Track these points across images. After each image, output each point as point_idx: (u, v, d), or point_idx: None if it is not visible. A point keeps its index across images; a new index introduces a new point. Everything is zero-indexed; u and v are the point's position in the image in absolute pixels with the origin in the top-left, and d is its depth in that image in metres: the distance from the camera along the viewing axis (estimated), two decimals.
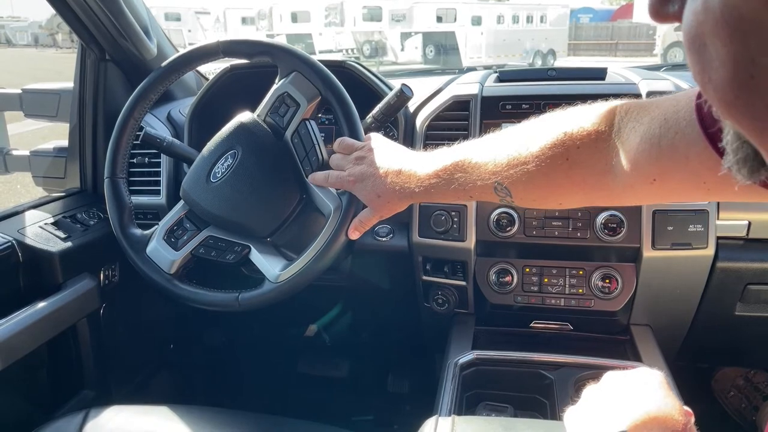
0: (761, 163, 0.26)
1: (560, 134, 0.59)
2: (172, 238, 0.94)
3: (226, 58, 0.97)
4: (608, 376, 0.56)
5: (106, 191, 0.97)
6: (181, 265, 0.93)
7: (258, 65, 0.94)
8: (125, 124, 0.98)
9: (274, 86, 0.91)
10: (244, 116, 0.94)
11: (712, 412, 1.53)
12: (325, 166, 0.87)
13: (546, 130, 0.61)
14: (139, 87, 0.98)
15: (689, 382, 0.84)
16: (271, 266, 0.88)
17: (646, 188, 0.55)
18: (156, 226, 0.96)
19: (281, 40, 0.98)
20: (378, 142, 0.80)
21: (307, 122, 0.90)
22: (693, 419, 0.51)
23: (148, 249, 0.94)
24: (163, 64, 0.97)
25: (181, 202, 0.97)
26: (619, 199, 0.61)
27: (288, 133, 0.91)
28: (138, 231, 0.97)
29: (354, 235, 0.83)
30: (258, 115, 0.93)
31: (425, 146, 1.14)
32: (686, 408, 0.52)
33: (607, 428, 0.49)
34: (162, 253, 0.93)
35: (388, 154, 0.77)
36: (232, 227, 0.92)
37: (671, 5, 0.25)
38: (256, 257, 0.90)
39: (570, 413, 0.56)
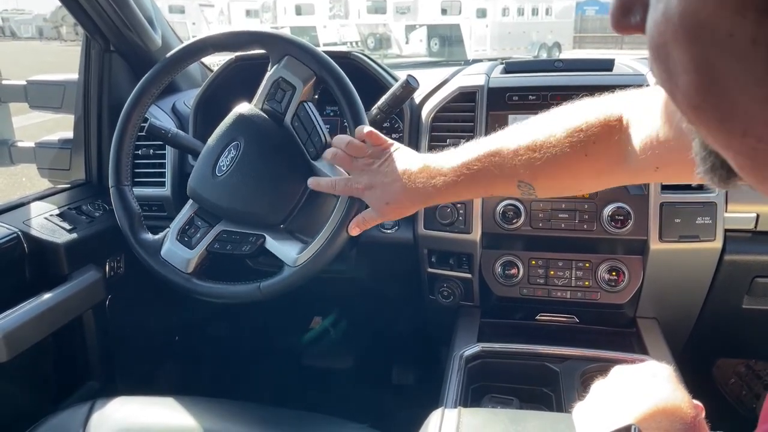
0: (730, 170, 0.26)
1: (577, 132, 0.63)
2: (186, 237, 0.94)
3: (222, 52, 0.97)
4: (616, 369, 0.56)
5: (114, 200, 0.97)
6: (198, 263, 0.93)
7: (263, 56, 0.94)
8: (128, 120, 0.97)
9: (268, 73, 0.91)
10: (242, 107, 0.93)
11: (712, 402, 1.52)
12: (328, 147, 0.87)
13: (563, 130, 0.64)
14: (143, 78, 0.98)
15: (689, 369, 0.84)
16: (288, 251, 0.88)
17: (649, 173, 0.62)
18: (168, 229, 0.96)
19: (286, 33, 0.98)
20: (389, 149, 0.80)
21: (305, 104, 0.89)
22: (704, 413, 0.50)
23: (163, 251, 0.94)
24: (168, 55, 0.97)
25: (190, 201, 0.97)
26: (628, 182, 0.74)
27: (287, 118, 0.90)
28: (149, 236, 0.97)
29: (354, 232, 0.83)
30: (255, 104, 0.93)
31: (431, 137, 1.13)
32: (696, 402, 0.51)
33: (617, 421, 0.48)
34: (177, 253, 0.93)
35: (397, 162, 0.77)
36: (244, 218, 0.92)
37: (632, 16, 0.25)
38: (272, 245, 0.89)
39: (578, 409, 0.56)
